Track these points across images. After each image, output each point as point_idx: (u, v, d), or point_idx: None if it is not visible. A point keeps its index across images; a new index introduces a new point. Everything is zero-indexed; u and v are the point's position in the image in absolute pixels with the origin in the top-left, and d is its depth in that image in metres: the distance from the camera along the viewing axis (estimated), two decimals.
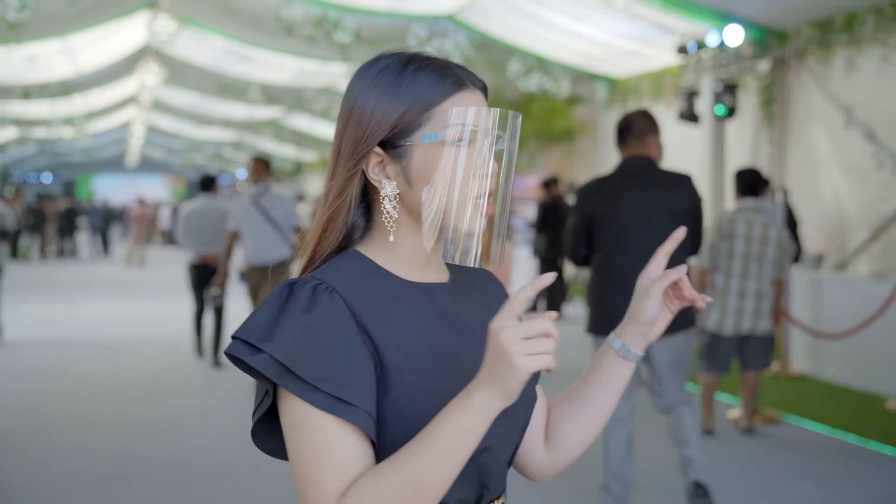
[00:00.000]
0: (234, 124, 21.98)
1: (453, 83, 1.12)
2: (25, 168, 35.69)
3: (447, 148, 1.08)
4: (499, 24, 11.14)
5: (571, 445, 1.31)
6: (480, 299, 1.26)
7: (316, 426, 1.01)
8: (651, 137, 3.62)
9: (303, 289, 1.07)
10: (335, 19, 11.64)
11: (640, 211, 3.53)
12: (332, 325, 1.05)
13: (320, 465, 1.01)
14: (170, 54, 14.48)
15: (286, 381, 1.02)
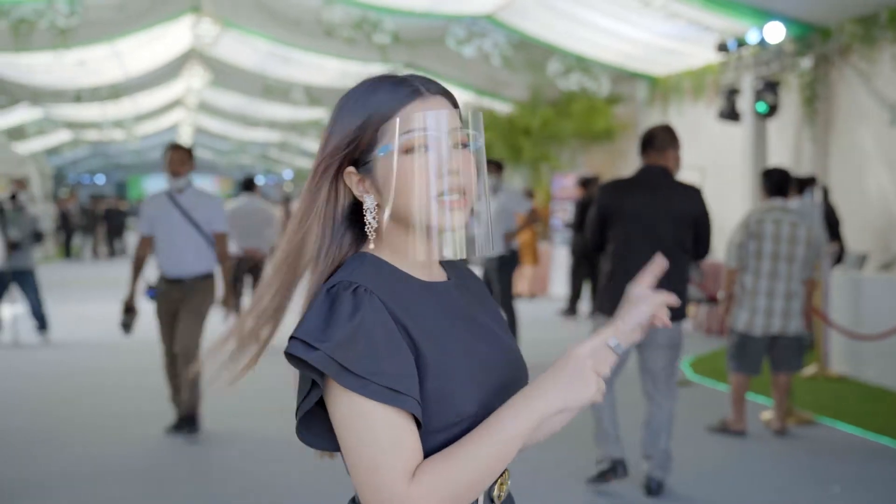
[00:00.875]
0: (279, 125, 22.25)
1: (405, 95, 1.22)
2: (79, 170, 36.56)
3: (399, 157, 1.18)
4: (538, 23, 11.12)
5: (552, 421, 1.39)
6: (475, 293, 1.37)
7: (375, 417, 1.12)
8: (670, 150, 4.05)
9: (345, 292, 1.17)
10: (374, 20, 11.74)
11: (648, 212, 3.98)
12: (377, 324, 1.15)
13: (385, 451, 1.11)
14: (214, 57, 14.73)
15: (343, 378, 1.12)
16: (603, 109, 12.33)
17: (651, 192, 4.02)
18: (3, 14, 10.82)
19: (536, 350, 8.10)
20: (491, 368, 1.24)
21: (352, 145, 1.23)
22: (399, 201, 1.19)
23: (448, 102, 1.25)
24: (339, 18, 11.72)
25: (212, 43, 13.28)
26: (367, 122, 1.22)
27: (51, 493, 4.27)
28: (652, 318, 1.32)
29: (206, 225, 5.19)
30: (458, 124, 1.20)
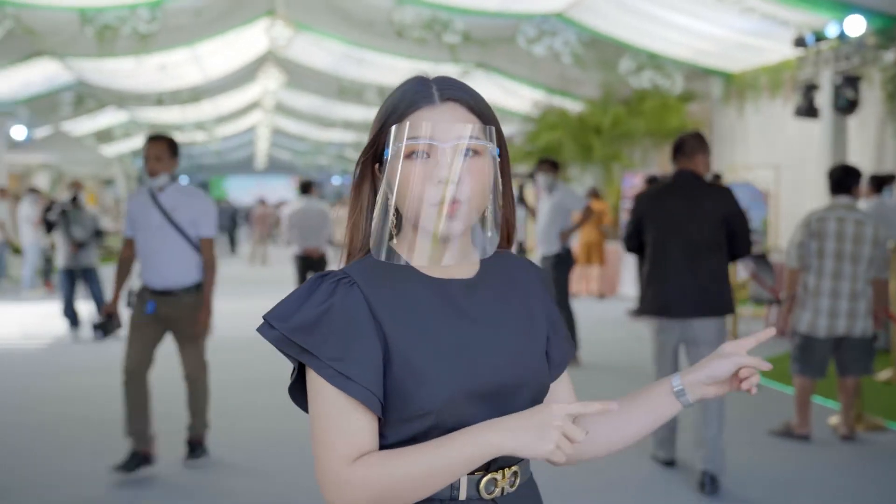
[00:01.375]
0: (354, 126, 22.54)
1: (417, 100, 1.27)
2: None
3: (400, 161, 1.23)
4: (609, 21, 11.00)
5: (594, 447, 1.43)
6: (505, 293, 1.37)
7: (327, 397, 1.21)
8: (699, 155, 4.28)
9: (329, 281, 1.26)
10: (445, 20, 11.80)
11: (679, 215, 4.24)
12: (344, 313, 1.22)
13: (330, 432, 1.20)
14: (289, 59, 15.03)
15: (305, 357, 1.22)
16: (676, 107, 12.12)
17: (681, 196, 4.27)
18: (88, 21, 11.26)
19: (602, 349, 8.10)
20: (476, 371, 1.25)
21: (375, 144, 1.30)
22: (399, 203, 1.24)
23: (464, 108, 1.28)
24: (410, 19, 11.83)
25: (286, 45, 13.54)
26: (385, 123, 1.28)
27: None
28: (734, 380, 1.34)
29: (191, 228, 4.50)
30: (463, 133, 1.21)
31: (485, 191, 1.24)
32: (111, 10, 11.18)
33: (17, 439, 5.22)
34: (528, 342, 1.35)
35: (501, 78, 13.89)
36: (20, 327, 9.81)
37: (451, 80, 1.31)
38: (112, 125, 19.90)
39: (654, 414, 1.38)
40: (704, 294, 4.14)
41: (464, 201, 1.21)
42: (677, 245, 4.20)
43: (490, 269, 1.36)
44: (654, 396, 1.38)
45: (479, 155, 1.24)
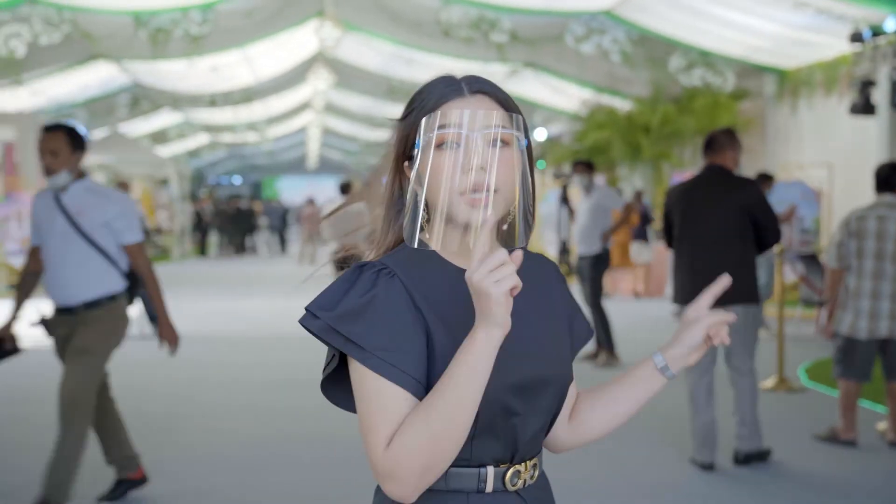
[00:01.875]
0: None
1: (447, 93, 1.30)
2: (218, 171, 38.35)
3: (430, 152, 1.24)
4: (658, 18, 10.87)
5: (591, 430, 1.49)
6: (531, 286, 1.37)
7: (372, 385, 1.22)
8: (728, 151, 4.46)
9: (369, 272, 1.28)
10: (492, 20, 11.78)
11: (702, 207, 4.45)
12: (388, 303, 1.25)
13: (375, 417, 1.21)
14: (339, 59, 15.14)
15: (349, 347, 1.23)
16: (727, 105, 11.92)
17: (706, 189, 4.47)
18: (142, 24, 11.50)
19: (641, 349, 7.99)
20: (512, 363, 1.27)
21: (403, 139, 1.33)
22: (429, 194, 1.25)
23: (492, 101, 1.31)
24: (457, 18, 11.84)
25: (334, 46, 13.65)
26: (415, 118, 1.30)
27: (177, 474, 4.51)
28: (707, 339, 1.40)
29: (101, 233, 3.79)
30: (494, 123, 1.22)
31: (514, 181, 1.25)
32: (164, 12, 11.41)
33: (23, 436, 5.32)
34: (555, 336, 1.40)
35: (550, 77, 13.82)
36: None
37: (479, 77, 1.34)
38: (167, 126, 20.29)
39: (641, 393, 1.43)
40: (733, 284, 4.09)
41: (495, 189, 1.22)
42: (700, 236, 4.42)
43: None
44: (639, 374, 1.43)
45: (507, 145, 1.24)
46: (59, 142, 3.75)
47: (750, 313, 4.40)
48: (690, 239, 4.49)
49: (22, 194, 13.26)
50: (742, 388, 4.45)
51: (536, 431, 1.34)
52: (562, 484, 1.71)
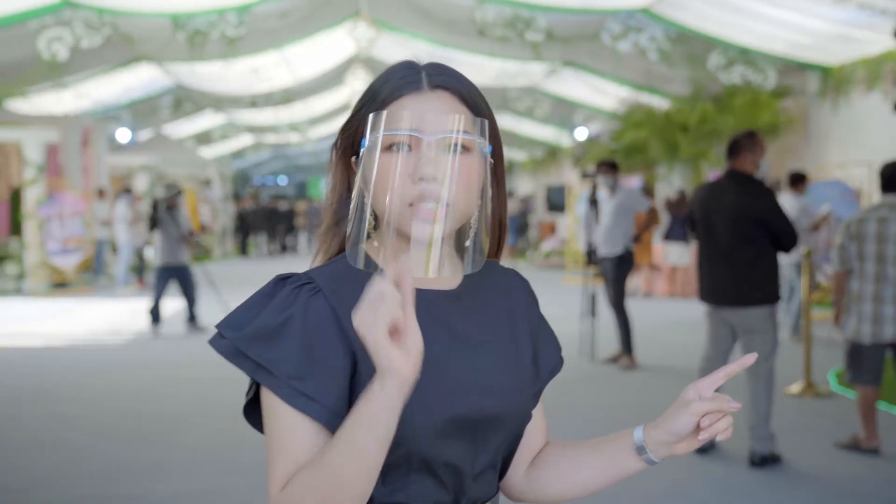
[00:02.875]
0: None
1: (402, 86, 1.12)
2: (263, 171, 38.79)
3: (370, 154, 1.08)
4: (697, 15, 10.68)
5: (549, 489, 1.27)
6: (491, 307, 1.22)
7: (282, 416, 1.07)
8: (746, 154, 4.51)
9: (290, 286, 1.12)
10: (527, 18, 11.70)
11: (718, 211, 4.57)
12: (306, 324, 1.09)
13: (279, 453, 1.07)
14: (376, 59, 15.17)
15: (259, 374, 1.08)
16: (768, 103, 11.65)
17: (723, 194, 4.57)
18: (180, 26, 11.65)
19: (666, 352, 7.85)
20: (457, 396, 1.11)
21: (349, 131, 1.17)
22: (375, 200, 1.08)
23: (454, 98, 1.13)
24: (492, 17, 11.77)
25: (368, 46, 13.68)
26: (364, 109, 1.14)
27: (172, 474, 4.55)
28: (697, 430, 1.13)
29: None
30: (451, 125, 1.05)
31: (473, 192, 1.09)
32: (201, 15, 11.54)
33: (77, 433, 5.40)
34: (514, 365, 1.20)
35: (589, 75, 13.68)
36: (109, 323, 10.21)
37: (444, 66, 1.17)
38: (210, 127, 20.55)
39: (612, 469, 1.21)
40: (740, 285, 4.44)
41: (448, 203, 1.05)
42: (716, 239, 4.56)
43: (474, 280, 1.19)
44: (614, 452, 1.20)
45: (468, 151, 1.08)
46: None
47: (765, 314, 4.46)
48: (708, 242, 4.63)
49: (65, 195, 13.54)
50: (758, 391, 4.44)
51: (483, 471, 1.17)
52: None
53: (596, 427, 5.28)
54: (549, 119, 17.98)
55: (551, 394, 6.07)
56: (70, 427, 5.44)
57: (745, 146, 4.51)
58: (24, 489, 4.25)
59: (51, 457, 4.79)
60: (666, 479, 4.36)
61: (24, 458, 4.77)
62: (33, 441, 5.12)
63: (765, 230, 4.42)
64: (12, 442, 5.11)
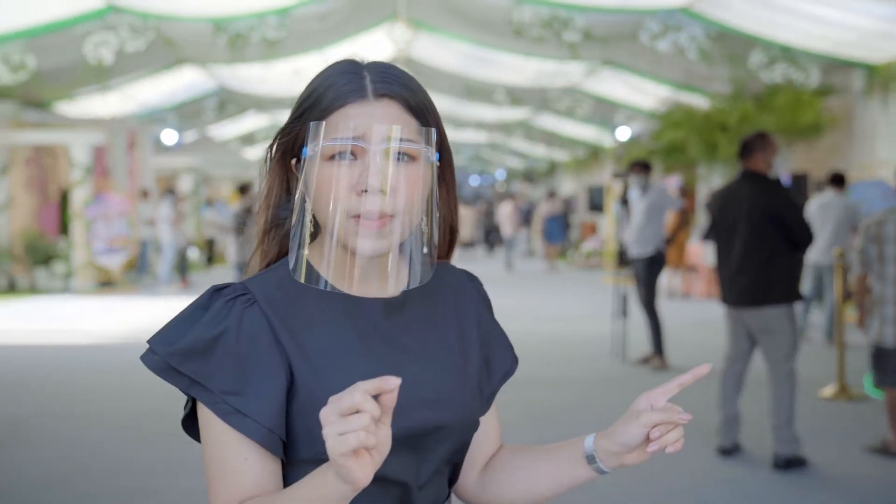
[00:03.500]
0: (486, 126, 22.62)
1: (346, 93, 1.10)
2: None
3: (320, 162, 1.06)
4: (737, 13, 10.54)
5: (500, 494, 1.25)
6: (436, 314, 1.20)
7: (218, 433, 1.06)
8: (758, 154, 4.56)
9: (223, 298, 1.10)
10: (564, 19, 11.65)
11: (734, 211, 4.60)
12: (240, 337, 1.07)
13: (218, 471, 1.06)
14: (415, 60, 15.25)
15: (194, 389, 1.07)
16: (810, 102, 11.44)
17: (739, 194, 4.61)
18: (221, 30, 11.83)
19: (696, 353, 7.75)
20: (396, 410, 1.02)
21: (290, 135, 1.13)
22: (317, 209, 1.07)
23: (400, 107, 1.10)
24: (529, 18, 11.75)
25: (406, 47, 13.74)
26: (305, 114, 1.11)
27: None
28: (646, 441, 1.10)
29: None
30: (396, 135, 1.03)
31: (418, 201, 1.06)
32: (242, 18, 11.71)
33: (101, 429, 5.53)
34: (459, 375, 1.17)
35: (628, 75, 13.58)
36: (150, 321, 10.41)
37: (388, 68, 1.14)
38: (254, 129, 20.82)
39: (565, 474, 1.19)
40: (762, 285, 4.44)
41: (395, 214, 1.04)
42: (733, 239, 4.58)
43: (421, 286, 1.14)
44: (566, 454, 1.18)
45: (414, 160, 1.06)
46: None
47: (782, 314, 4.45)
48: (725, 242, 4.65)
49: (110, 196, 13.84)
50: (779, 392, 4.43)
51: (429, 481, 1.15)
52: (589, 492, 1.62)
53: None
54: (590, 119, 17.87)
55: (577, 393, 6.06)
56: (95, 424, 5.58)
57: (757, 146, 4.55)
58: (46, 482, 4.37)
59: (74, 452, 4.93)
60: (684, 481, 4.32)
61: (51, 452, 4.91)
62: (61, 436, 5.25)
63: (780, 228, 4.42)
64: (40, 437, 5.26)
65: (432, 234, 1.09)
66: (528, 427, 5.32)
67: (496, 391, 1.27)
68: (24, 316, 10.91)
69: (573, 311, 11.22)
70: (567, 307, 11.78)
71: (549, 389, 6.38)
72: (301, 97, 1.14)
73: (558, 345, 8.52)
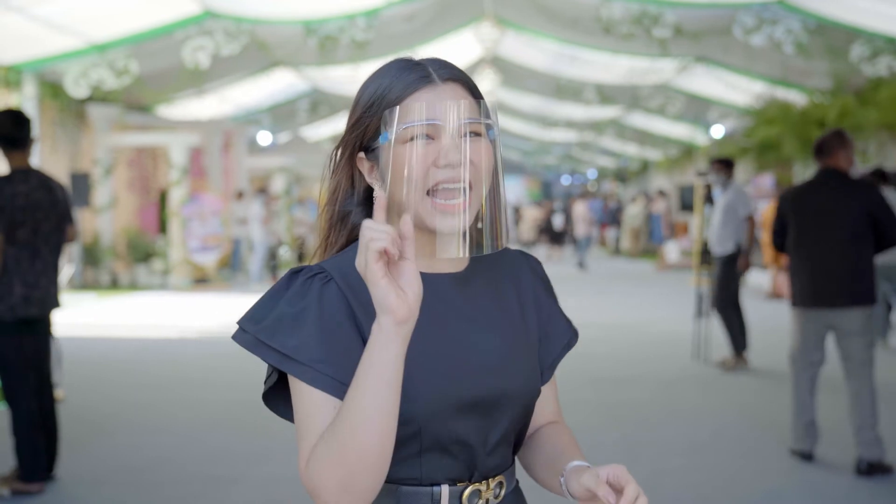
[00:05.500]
0: (577, 125, 22.41)
1: (413, 80, 1.18)
2: None
3: (396, 146, 1.13)
4: (838, 4, 10.14)
5: (529, 470, 1.35)
6: (498, 289, 1.28)
7: (310, 398, 1.13)
8: (840, 151, 4.46)
9: (303, 277, 1.19)
10: (655, 14, 11.43)
11: (824, 210, 4.45)
12: (322, 311, 1.15)
13: (306, 431, 1.13)
14: (504, 59, 15.23)
15: (284, 362, 1.15)
16: None
17: (825, 192, 4.48)
18: (312, 32, 12.07)
19: (780, 355, 7.46)
20: (466, 378, 1.17)
21: (358, 130, 1.21)
22: (394, 193, 1.15)
23: (463, 89, 1.20)
24: (619, 14, 11.58)
25: (492, 47, 13.74)
26: (373, 107, 1.19)
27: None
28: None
29: None
30: (467, 115, 1.11)
31: (488, 175, 1.14)
32: (332, 20, 11.92)
33: (191, 418, 5.71)
34: (521, 345, 1.25)
35: (721, 71, 13.24)
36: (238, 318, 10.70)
37: (442, 59, 1.23)
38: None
39: (554, 486, 1.26)
40: (848, 284, 4.34)
41: (473, 187, 1.12)
42: (823, 238, 4.42)
43: (482, 263, 1.26)
44: (557, 472, 1.25)
45: (479, 136, 1.14)
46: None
47: (867, 315, 4.38)
48: (812, 241, 4.48)
49: (206, 195, 14.29)
50: (863, 393, 4.31)
51: (496, 447, 1.21)
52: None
53: (695, 429, 5.13)
54: (682, 117, 17.49)
55: (652, 394, 5.92)
56: (187, 412, 5.78)
57: (837, 144, 4.47)
58: (140, 467, 4.55)
59: (168, 439, 5.11)
60: (764, 485, 4.19)
61: (144, 439, 5.11)
62: (154, 424, 5.47)
63: (869, 227, 4.34)
64: (135, 425, 5.47)
65: (499, 206, 1.14)
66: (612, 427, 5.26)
67: (557, 361, 1.34)
68: (124, 311, 11.38)
69: (657, 313, 11.00)
70: (649, 308, 11.56)
71: (631, 388, 6.30)
72: (364, 94, 1.22)
73: (639, 346, 8.39)
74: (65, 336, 8.93)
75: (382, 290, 1.01)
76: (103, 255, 13.66)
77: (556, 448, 1.30)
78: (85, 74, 11.41)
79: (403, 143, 1.12)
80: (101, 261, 13.68)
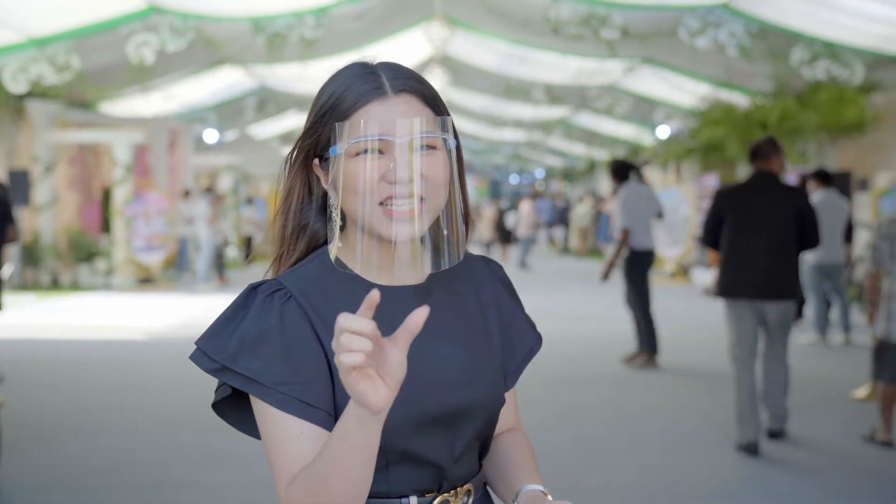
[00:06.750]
0: (525, 124, 22.57)
1: (366, 92, 1.16)
2: None
3: (348, 159, 1.13)
4: (779, 9, 10.38)
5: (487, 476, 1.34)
6: (459, 299, 1.27)
7: (277, 421, 1.12)
8: (773, 157, 4.76)
9: (262, 295, 1.17)
10: (602, 16, 11.56)
11: (759, 208, 4.73)
12: (284, 330, 1.14)
13: (276, 453, 1.13)
14: (454, 58, 15.25)
15: (249, 386, 1.13)
16: (854, 99, 11.23)
17: (760, 193, 4.74)
18: (260, 30, 11.94)
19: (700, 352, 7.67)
20: (428, 393, 1.16)
21: (311, 138, 1.20)
22: (346, 204, 1.15)
23: (418, 100, 1.18)
24: (567, 15, 11.68)
25: (442, 46, 13.75)
26: (325, 116, 1.18)
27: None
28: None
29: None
30: (419, 129, 1.11)
31: (442, 187, 1.14)
32: (280, 18, 11.80)
33: (138, 422, 5.60)
34: (485, 355, 1.25)
35: (667, 72, 13.45)
36: (186, 318, 10.52)
37: (400, 67, 1.21)
38: (294, 128, 20.99)
39: (506, 499, 1.27)
40: (777, 280, 4.65)
41: (425, 199, 1.12)
42: (757, 234, 4.69)
43: (443, 272, 1.22)
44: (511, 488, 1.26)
45: (435, 150, 1.14)
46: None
47: (790, 309, 4.78)
48: (746, 237, 4.73)
49: (151, 194, 14.04)
50: (777, 379, 4.81)
51: (462, 456, 1.21)
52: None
53: (644, 427, 5.21)
54: (629, 117, 17.73)
55: (601, 393, 5.88)
56: (134, 416, 5.66)
57: (771, 150, 4.76)
58: (84, 473, 4.45)
59: (113, 444, 5.00)
60: (714, 479, 4.26)
61: (88, 444, 4.99)
62: (98, 429, 5.34)
63: (797, 228, 4.68)
64: (79, 429, 5.34)
65: (456, 217, 1.15)
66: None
67: (521, 368, 1.32)
68: (66, 312, 11.12)
69: (603, 312, 11.12)
70: (592, 307, 11.68)
71: (581, 387, 6.36)
72: (319, 100, 1.20)
73: (580, 344, 8.48)
74: (4, 338, 8.71)
75: (359, 394, 0.97)
76: (44, 254, 13.33)
77: (512, 460, 1.30)
78: (24, 69, 11.11)
79: (354, 157, 1.12)
80: (41, 260, 13.35)
